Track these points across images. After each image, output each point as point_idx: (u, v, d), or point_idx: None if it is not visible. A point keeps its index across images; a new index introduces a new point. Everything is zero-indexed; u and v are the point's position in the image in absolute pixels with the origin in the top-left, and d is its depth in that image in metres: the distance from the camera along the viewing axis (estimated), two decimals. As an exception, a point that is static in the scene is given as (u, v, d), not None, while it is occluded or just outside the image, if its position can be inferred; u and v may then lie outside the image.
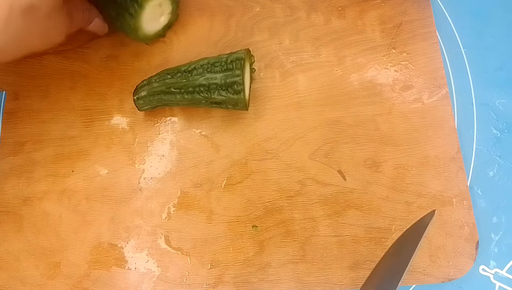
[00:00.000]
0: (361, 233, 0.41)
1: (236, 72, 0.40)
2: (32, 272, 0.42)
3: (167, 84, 0.42)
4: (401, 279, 0.29)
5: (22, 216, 0.44)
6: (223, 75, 0.40)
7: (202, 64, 0.41)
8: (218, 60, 0.41)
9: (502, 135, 0.44)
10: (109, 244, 0.42)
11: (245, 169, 0.43)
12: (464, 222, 0.41)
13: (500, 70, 0.46)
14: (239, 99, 0.41)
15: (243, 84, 0.40)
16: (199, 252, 0.42)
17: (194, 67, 0.41)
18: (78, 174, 0.44)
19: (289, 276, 0.40)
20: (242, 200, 0.43)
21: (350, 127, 0.44)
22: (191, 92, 0.41)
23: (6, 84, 0.48)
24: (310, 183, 0.43)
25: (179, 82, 0.41)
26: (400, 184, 0.42)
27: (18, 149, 0.46)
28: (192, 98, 0.42)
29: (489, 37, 0.47)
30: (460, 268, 0.40)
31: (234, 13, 0.48)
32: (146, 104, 0.43)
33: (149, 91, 0.42)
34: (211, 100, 0.41)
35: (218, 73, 0.40)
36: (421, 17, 0.46)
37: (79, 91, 0.47)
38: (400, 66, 0.45)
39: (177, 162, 0.44)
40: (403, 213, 0.41)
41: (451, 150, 0.43)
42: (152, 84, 0.42)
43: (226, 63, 0.40)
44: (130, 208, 0.43)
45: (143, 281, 0.41)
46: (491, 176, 0.43)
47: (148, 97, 0.43)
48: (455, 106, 0.45)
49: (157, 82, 0.42)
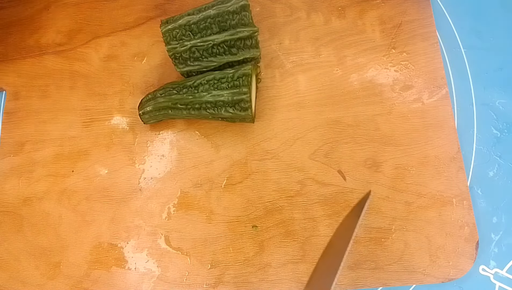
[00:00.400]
0: (361, 233, 0.41)
1: (243, 89, 0.39)
2: (32, 272, 0.42)
3: (173, 100, 0.41)
4: (337, 273, 0.29)
5: (22, 216, 0.44)
6: (230, 93, 0.40)
7: (208, 80, 0.41)
8: (224, 76, 0.40)
9: (502, 135, 0.44)
10: (109, 244, 0.42)
11: (245, 169, 0.43)
12: (464, 222, 0.41)
13: (500, 70, 0.46)
14: (247, 116, 0.40)
15: (250, 101, 0.40)
16: (199, 252, 0.42)
17: (200, 83, 0.41)
18: (78, 174, 0.44)
19: (289, 276, 0.40)
20: (242, 200, 0.43)
21: (350, 127, 0.44)
22: (197, 108, 0.41)
23: (6, 84, 0.48)
24: (310, 183, 0.43)
25: (185, 98, 0.41)
26: (400, 184, 0.42)
27: (18, 149, 0.46)
28: (199, 114, 0.41)
29: (489, 37, 0.47)
30: (460, 268, 0.40)
31: (234, 13, 0.48)
32: (151, 118, 0.43)
33: (155, 106, 0.42)
34: (218, 115, 0.41)
35: (224, 90, 0.40)
36: (421, 17, 0.46)
37: (79, 91, 0.47)
38: (400, 66, 0.45)
39: (177, 162, 0.44)
40: (403, 213, 0.41)
41: (451, 150, 0.43)
42: (158, 99, 0.42)
43: (232, 79, 0.40)
44: (130, 208, 0.43)
45: (143, 281, 0.41)
46: (491, 176, 0.43)
47: (153, 112, 0.42)
48: (455, 106, 0.45)
49: (163, 97, 0.42)
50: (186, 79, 0.42)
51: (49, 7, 0.50)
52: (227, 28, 0.40)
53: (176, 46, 0.41)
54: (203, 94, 0.40)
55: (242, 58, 0.42)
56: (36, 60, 0.48)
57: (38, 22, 0.50)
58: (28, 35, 0.49)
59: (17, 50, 0.49)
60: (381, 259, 0.40)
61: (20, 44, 0.49)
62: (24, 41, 0.49)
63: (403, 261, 0.40)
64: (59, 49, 0.48)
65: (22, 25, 0.50)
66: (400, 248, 0.41)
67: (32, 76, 0.48)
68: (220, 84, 0.40)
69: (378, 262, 0.40)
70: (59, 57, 0.48)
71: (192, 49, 0.41)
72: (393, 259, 0.40)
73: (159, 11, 0.49)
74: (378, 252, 0.41)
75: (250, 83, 0.40)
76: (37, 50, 0.49)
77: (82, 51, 0.48)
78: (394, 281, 0.40)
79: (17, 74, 0.48)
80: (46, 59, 0.48)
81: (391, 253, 0.41)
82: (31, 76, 0.48)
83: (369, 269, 0.40)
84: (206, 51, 0.41)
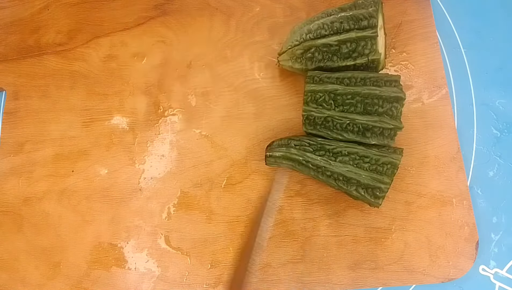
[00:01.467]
0: (361, 233, 0.41)
1: (385, 179, 0.37)
2: (32, 272, 0.42)
3: (306, 158, 0.39)
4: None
5: (22, 216, 0.44)
6: (369, 176, 0.37)
7: (350, 153, 0.38)
8: (368, 156, 0.37)
9: (502, 135, 0.44)
10: (109, 244, 0.42)
11: (245, 169, 0.43)
12: (464, 222, 0.41)
13: (500, 70, 0.46)
14: (375, 203, 0.38)
15: (386, 191, 0.37)
16: (199, 252, 0.42)
17: (340, 152, 0.38)
18: (78, 174, 0.44)
19: (289, 276, 0.40)
20: (242, 200, 0.43)
21: (350, 127, 0.44)
22: (328, 175, 0.38)
23: (6, 84, 0.48)
24: (310, 183, 0.43)
25: (320, 161, 0.38)
26: (400, 184, 0.42)
27: (18, 149, 0.46)
28: (326, 181, 0.39)
29: (489, 37, 0.47)
30: (460, 268, 0.40)
31: (234, 13, 0.48)
32: (276, 163, 0.41)
33: (285, 155, 0.39)
34: (344, 190, 0.38)
35: (364, 170, 0.37)
36: (421, 17, 0.46)
37: (79, 91, 0.47)
38: (400, 66, 0.45)
39: (177, 162, 0.44)
40: (403, 213, 0.41)
41: (451, 150, 0.43)
42: (291, 150, 0.39)
43: (376, 163, 0.37)
44: (130, 208, 0.43)
45: (143, 281, 0.41)
46: (491, 176, 0.43)
47: (281, 159, 0.40)
48: (455, 106, 0.45)
49: (297, 149, 0.39)
50: (325, 140, 0.39)
51: (49, 7, 0.50)
52: (371, 113, 0.38)
53: (313, 110, 0.39)
54: (340, 165, 0.38)
55: (373, 143, 0.38)
56: (36, 60, 0.48)
57: (38, 22, 0.50)
58: (28, 35, 0.49)
59: (17, 50, 0.49)
60: (381, 259, 0.40)
61: (20, 44, 0.49)
62: (24, 41, 0.49)
63: (403, 261, 0.40)
64: (59, 49, 0.48)
65: (22, 25, 0.50)
66: (400, 248, 0.41)
67: (32, 76, 0.48)
68: (361, 162, 0.37)
69: (378, 262, 0.40)
70: (59, 57, 0.48)
71: (327, 119, 0.38)
72: (393, 259, 0.40)
73: (159, 11, 0.49)
74: (378, 252, 0.41)
75: (394, 168, 0.37)
76: (37, 50, 0.49)
77: (82, 51, 0.48)
78: (394, 281, 0.40)
79: (17, 74, 0.48)
80: (46, 59, 0.48)
81: (391, 253, 0.41)
82: (31, 76, 0.48)
83: (369, 269, 0.40)
84: (340, 125, 0.38)
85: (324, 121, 0.39)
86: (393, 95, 0.37)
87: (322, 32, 0.40)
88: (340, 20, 0.40)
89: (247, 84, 0.46)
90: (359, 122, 0.38)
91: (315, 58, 0.41)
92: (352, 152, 0.38)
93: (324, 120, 0.39)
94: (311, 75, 0.39)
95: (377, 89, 0.38)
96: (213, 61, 0.47)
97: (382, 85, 0.38)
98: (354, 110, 0.38)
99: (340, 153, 0.38)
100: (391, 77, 0.39)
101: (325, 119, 0.39)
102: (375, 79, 0.38)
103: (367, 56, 0.39)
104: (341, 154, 0.38)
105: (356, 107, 0.38)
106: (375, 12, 0.39)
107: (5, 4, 0.51)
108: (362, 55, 0.39)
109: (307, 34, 0.41)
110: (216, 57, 0.47)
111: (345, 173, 0.38)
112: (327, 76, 0.39)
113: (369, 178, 0.37)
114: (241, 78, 0.46)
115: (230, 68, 0.46)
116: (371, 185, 0.37)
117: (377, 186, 0.37)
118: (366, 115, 0.38)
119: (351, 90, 0.38)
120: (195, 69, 0.46)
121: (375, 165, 0.37)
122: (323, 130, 0.39)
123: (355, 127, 0.38)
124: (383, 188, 0.37)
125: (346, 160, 0.38)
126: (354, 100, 0.38)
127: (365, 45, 0.39)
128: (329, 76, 0.39)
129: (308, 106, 0.39)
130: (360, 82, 0.38)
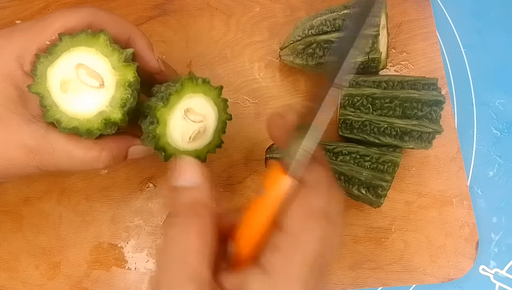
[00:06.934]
0: (361, 233, 0.41)
1: (386, 177, 0.37)
2: (32, 272, 0.42)
3: None
4: None
5: (22, 216, 0.44)
6: (370, 174, 0.37)
7: (351, 152, 0.38)
8: (369, 155, 0.37)
9: (502, 135, 0.44)
10: (109, 244, 0.42)
11: (245, 169, 0.43)
12: (464, 222, 0.41)
13: (500, 70, 0.46)
14: (376, 202, 0.38)
15: (388, 189, 0.37)
16: (199, 252, 0.42)
17: (341, 151, 0.38)
18: (78, 174, 0.44)
19: (289, 276, 0.40)
20: (242, 200, 0.43)
21: (350, 127, 0.44)
22: None
23: (6, 84, 0.48)
24: (310, 183, 0.43)
25: None
26: (400, 184, 0.42)
27: (18, 149, 0.46)
28: None
29: (489, 37, 0.47)
30: (460, 268, 0.40)
31: (234, 13, 0.48)
32: None
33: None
34: (346, 190, 0.38)
35: (366, 169, 0.37)
36: (421, 17, 0.46)
37: (79, 91, 0.47)
38: (400, 66, 0.45)
39: (177, 162, 0.44)
40: (403, 213, 0.41)
41: (451, 150, 0.43)
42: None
43: (377, 161, 0.37)
44: (130, 208, 0.43)
45: (143, 281, 0.41)
46: (491, 176, 0.43)
47: None
48: (455, 106, 0.45)
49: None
50: (327, 141, 0.40)
51: (49, 7, 0.50)
52: (410, 116, 0.37)
53: (351, 114, 0.38)
54: (341, 164, 0.38)
55: (410, 147, 0.39)
56: (36, 60, 0.48)
57: (38, 22, 0.50)
58: (28, 35, 0.49)
59: (17, 50, 0.49)
60: (381, 259, 0.40)
61: (20, 44, 0.49)
62: (24, 41, 0.49)
63: (403, 261, 0.40)
64: (59, 49, 0.48)
65: (22, 25, 0.50)
66: (400, 248, 0.41)
67: (32, 76, 0.48)
68: (362, 161, 0.37)
69: (378, 262, 0.40)
70: (59, 57, 0.48)
71: (365, 122, 0.38)
72: (393, 259, 0.40)
73: (159, 11, 0.49)
74: (378, 252, 0.41)
75: (395, 172, 0.37)
76: (37, 50, 0.49)
77: (82, 51, 0.48)
78: (394, 281, 0.40)
79: (17, 74, 0.48)
80: (46, 59, 0.48)
81: (391, 253, 0.41)
82: (31, 76, 0.48)
83: (369, 269, 0.40)
84: (378, 129, 0.38)
85: (362, 125, 0.38)
86: (432, 99, 0.37)
87: (324, 28, 0.40)
88: (343, 17, 0.40)
89: (247, 84, 0.46)
90: (398, 125, 0.37)
91: (316, 54, 0.41)
92: (353, 151, 0.38)
93: (362, 124, 0.38)
94: None
95: (416, 93, 0.37)
96: (213, 61, 0.47)
97: (421, 89, 0.38)
98: (392, 114, 0.38)
99: (341, 152, 0.38)
100: (428, 80, 0.38)
101: (362, 123, 0.38)
102: (413, 82, 0.38)
103: (368, 54, 0.39)
104: (341, 154, 0.38)
105: (395, 110, 0.38)
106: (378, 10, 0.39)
107: (5, 4, 0.51)
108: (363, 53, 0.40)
109: (309, 30, 0.41)
110: (216, 57, 0.47)
111: (346, 172, 0.37)
112: (363, 79, 0.39)
113: (370, 176, 0.37)
114: (241, 78, 0.46)
115: (230, 68, 0.46)
116: (373, 183, 0.37)
117: (378, 184, 0.37)
118: (404, 118, 0.38)
119: (390, 94, 0.38)
120: (195, 69, 0.46)
121: (376, 164, 0.37)
122: (360, 134, 0.39)
123: (393, 131, 0.38)
124: (384, 186, 0.37)
125: (347, 159, 0.38)
126: (392, 103, 0.38)
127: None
128: (365, 79, 0.39)
129: (346, 110, 0.39)
130: (398, 85, 0.38)
